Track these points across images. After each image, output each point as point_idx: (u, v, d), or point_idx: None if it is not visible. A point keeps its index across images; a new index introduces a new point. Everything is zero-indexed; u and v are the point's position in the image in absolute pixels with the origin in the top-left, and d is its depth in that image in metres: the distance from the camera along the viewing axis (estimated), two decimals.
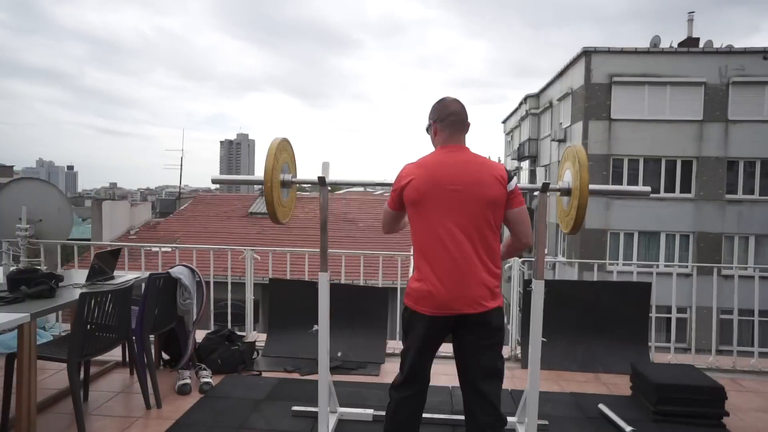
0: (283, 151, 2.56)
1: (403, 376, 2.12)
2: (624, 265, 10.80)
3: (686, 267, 10.49)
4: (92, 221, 15.59)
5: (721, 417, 3.07)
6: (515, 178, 2.13)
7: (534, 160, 21.99)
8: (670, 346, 4.40)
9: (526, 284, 4.06)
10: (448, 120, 2.11)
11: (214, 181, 2.84)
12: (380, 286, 4.30)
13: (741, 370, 4.08)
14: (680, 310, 4.55)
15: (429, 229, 2.02)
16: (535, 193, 2.67)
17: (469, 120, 2.15)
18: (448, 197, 1.99)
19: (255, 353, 4.05)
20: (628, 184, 15.56)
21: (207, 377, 3.47)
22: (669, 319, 4.39)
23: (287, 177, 2.61)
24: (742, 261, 14.90)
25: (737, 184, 15.27)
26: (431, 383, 2.18)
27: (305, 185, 2.77)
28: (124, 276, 3.64)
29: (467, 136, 2.16)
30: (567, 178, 2.57)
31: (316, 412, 2.70)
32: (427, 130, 2.22)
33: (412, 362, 2.09)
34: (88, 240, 16.17)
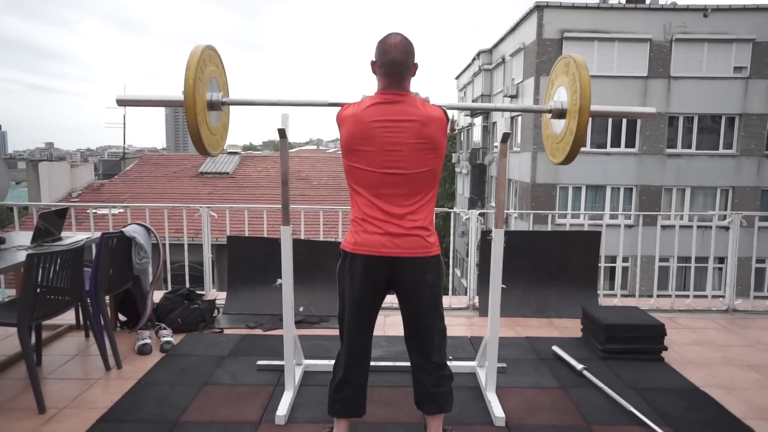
0: (208, 64, 2.14)
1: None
2: (572, 217, 11.26)
3: (629, 218, 11.05)
4: (28, 184, 14.66)
5: (660, 351, 3.32)
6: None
7: (487, 116, 22.19)
8: (616, 293, 4.69)
9: (484, 235, 4.17)
10: (384, 69, 1.95)
11: (119, 102, 2.31)
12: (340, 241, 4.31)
13: (678, 310, 4.40)
14: (624, 259, 4.80)
15: (362, 183, 2.00)
16: (495, 144, 2.65)
17: (414, 61, 1.98)
18: (383, 148, 1.93)
19: (215, 311, 4.01)
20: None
21: (168, 336, 3.42)
22: (613, 269, 4.65)
23: (216, 96, 2.20)
24: (679, 211, 15.82)
25: (677, 139, 16.01)
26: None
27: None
28: (72, 237, 3.48)
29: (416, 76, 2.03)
30: (559, 98, 2.30)
31: (282, 366, 2.73)
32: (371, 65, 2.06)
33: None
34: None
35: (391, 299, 2.25)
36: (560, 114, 2.26)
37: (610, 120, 15.83)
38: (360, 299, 2.05)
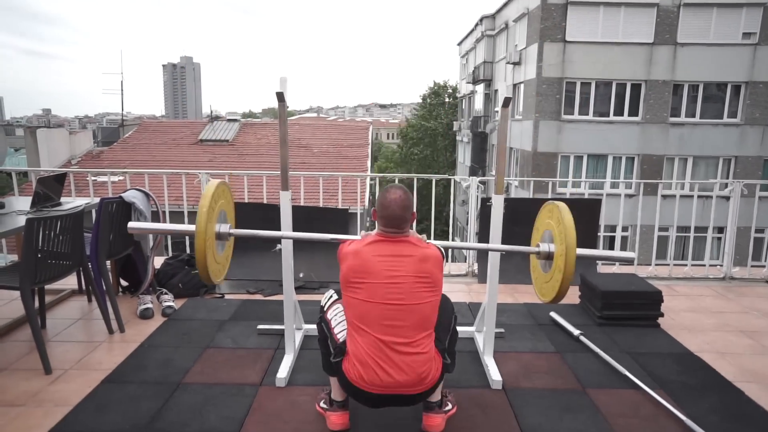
0: (220, 198, 2.27)
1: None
2: (573, 185, 11.24)
3: (630, 188, 11.02)
4: (27, 151, 14.58)
5: (656, 318, 3.36)
6: None
7: (489, 83, 21.88)
8: (615, 261, 4.71)
9: (484, 202, 4.17)
10: (384, 220, 2.04)
11: (131, 230, 2.47)
12: (340, 207, 4.32)
13: (676, 278, 4.43)
14: (623, 229, 4.81)
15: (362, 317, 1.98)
16: (497, 110, 2.65)
17: (412, 212, 2.08)
18: (384, 290, 1.94)
19: None
20: (580, 107, 15.84)
21: (169, 301, 3.46)
22: (613, 238, 4.66)
23: (224, 228, 2.31)
24: (682, 181, 15.75)
25: (681, 108, 15.81)
26: None
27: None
28: (72, 202, 3.48)
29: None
30: (545, 241, 2.42)
31: (282, 330, 2.77)
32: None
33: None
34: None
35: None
36: (547, 256, 2.35)
37: (613, 89, 15.61)
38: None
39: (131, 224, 2.43)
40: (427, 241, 2.13)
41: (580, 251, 2.19)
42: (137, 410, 2.26)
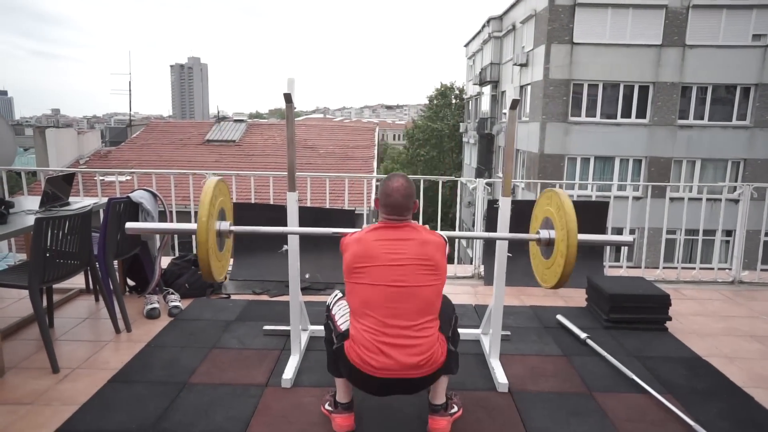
0: (219, 195, 2.28)
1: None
2: (580, 188, 11.19)
3: (637, 190, 10.97)
4: (36, 151, 14.70)
5: (664, 322, 3.34)
6: None
7: (496, 85, 21.83)
8: (622, 264, 4.69)
9: (491, 204, 4.16)
10: (387, 208, 2.07)
11: (128, 231, 2.41)
12: (346, 208, 4.32)
13: (683, 281, 4.40)
14: (631, 231, 4.78)
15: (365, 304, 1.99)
16: (504, 111, 2.65)
17: (414, 200, 2.09)
18: (387, 272, 1.96)
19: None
20: (587, 109, 15.77)
21: (175, 301, 3.47)
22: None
23: (224, 226, 2.31)
24: (689, 183, 15.62)
25: (689, 110, 15.70)
26: None
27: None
28: (80, 202, 3.50)
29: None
30: (546, 226, 2.42)
31: (288, 331, 2.77)
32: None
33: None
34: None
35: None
36: (548, 242, 2.37)
37: (621, 90, 15.53)
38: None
39: (129, 225, 2.40)
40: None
41: (581, 236, 2.21)
42: (144, 410, 2.27)
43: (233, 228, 2.36)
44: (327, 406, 2.25)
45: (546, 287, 2.46)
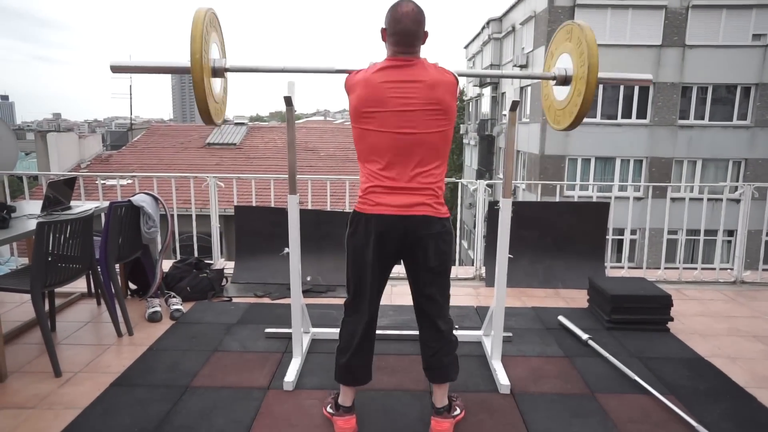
0: (211, 29, 2.08)
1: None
2: (581, 188, 11.18)
3: (638, 190, 10.96)
4: (37, 155, 14.71)
5: (666, 322, 3.33)
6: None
7: (496, 86, 21.85)
8: (623, 265, 4.68)
9: (492, 206, 4.16)
10: (395, 38, 1.94)
11: (113, 69, 2.24)
12: (347, 211, 4.32)
13: (685, 281, 4.39)
14: (632, 232, 4.79)
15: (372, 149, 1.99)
16: (504, 113, 2.63)
17: (425, 29, 1.97)
18: (396, 111, 1.92)
19: (224, 280, 4.06)
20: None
21: (177, 304, 3.47)
22: (621, 242, 4.63)
23: (218, 62, 2.14)
24: (690, 183, 15.60)
25: (689, 110, 15.70)
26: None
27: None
28: (81, 206, 3.51)
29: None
30: (562, 64, 2.27)
31: (289, 333, 2.77)
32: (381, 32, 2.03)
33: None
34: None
35: (398, 269, 2.25)
36: (564, 80, 2.25)
37: (621, 91, 15.53)
38: (372, 264, 2.03)
39: (113, 63, 2.19)
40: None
41: (603, 74, 2.06)
42: (145, 414, 2.27)
43: (229, 66, 2.21)
44: (329, 409, 2.24)
45: (557, 128, 2.34)
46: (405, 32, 1.92)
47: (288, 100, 2.45)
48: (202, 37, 1.99)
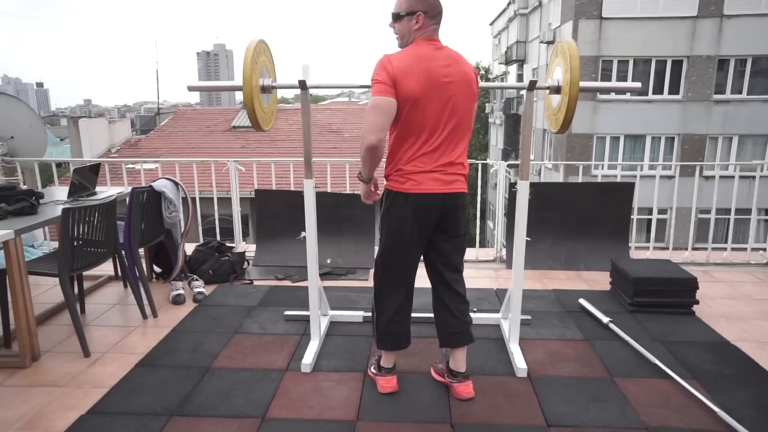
0: (261, 54, 2.46)
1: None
2: (609, 168, 10.91)
3: (669, 169, 10.62)
4: (70, 141, 15.11)
5: (691, 305, 3.25)
6: None
7: (522, 63, 21.36)
8: (649, 246, 4.56)
9: (512, 186, 4.09)
10: (439, 17, 2.08)
11: (190, 89, 2.72)
12: None
13: (714, 263, 4.26)
14: (660, 211, 4.65)
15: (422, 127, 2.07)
16: (522, 92, 2.61)
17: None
18: (445, 95, 2.03)
19: (245, 263, 4.12)
20: None
21: (200, 287, 3.55)
22: (649, 221, 4.51)
23: (267, 81, 2.54)
24: (725, 161, 15.05)
25: (726, 84, 15.06)
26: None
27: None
28: (106, 191, 3.59)
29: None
30: (557, 75, 2.49)
31: (308, 316, 2.81)
32: (398, 17, 2.07)
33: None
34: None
35: None
36: (556, 90, 2.47)
37: (652, 65, 14.98)
38: (411, 236, 2.15)
39: (189, 84, 2.72)
40: None
41: (584, 84, 2.34)
42: (168, 393, 2.34)
43: (275, 84, 2.61)
44: (372, 369, 2.42)
45: (554, 131, 2.58)
46: (441, 13, 2.08)
47: (303, 84, 2.45)
48: (252, 63, 2.35)
